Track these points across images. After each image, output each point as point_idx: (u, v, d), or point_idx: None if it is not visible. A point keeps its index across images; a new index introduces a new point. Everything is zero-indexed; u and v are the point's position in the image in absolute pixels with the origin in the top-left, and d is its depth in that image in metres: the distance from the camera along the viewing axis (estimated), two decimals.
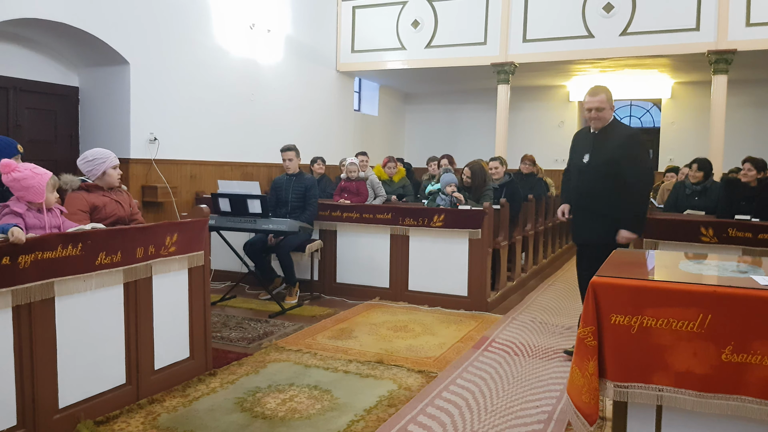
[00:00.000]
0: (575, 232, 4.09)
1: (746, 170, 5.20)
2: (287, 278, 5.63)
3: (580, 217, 4.01)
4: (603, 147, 3.82)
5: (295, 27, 8.43)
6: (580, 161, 3.95)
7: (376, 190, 6.64)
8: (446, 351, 4.22)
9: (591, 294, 2.15)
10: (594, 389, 2.14)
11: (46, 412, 2.72)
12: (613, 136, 3.82)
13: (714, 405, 2.03)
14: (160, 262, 3.30)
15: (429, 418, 3.09)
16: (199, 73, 6.78)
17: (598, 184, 3.83)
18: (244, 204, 5.13)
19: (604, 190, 3.81)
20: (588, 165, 3.88)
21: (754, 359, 1.98)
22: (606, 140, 3.82)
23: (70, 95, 6.10)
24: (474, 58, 8.66)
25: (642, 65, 8.72)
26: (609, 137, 3.82)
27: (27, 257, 2.57)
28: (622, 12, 7.80)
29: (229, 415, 3.09)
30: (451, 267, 5.52)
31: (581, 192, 3.94)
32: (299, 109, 8.60)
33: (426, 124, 12.25)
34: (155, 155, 6.24)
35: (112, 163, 3.64)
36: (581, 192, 3.94)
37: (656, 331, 2.08)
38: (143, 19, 6.06)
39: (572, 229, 4.14)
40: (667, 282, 2.12)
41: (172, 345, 3.47)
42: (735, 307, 2.00)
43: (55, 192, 3.08)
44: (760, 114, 9.87)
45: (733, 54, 7.31)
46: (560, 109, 11.18)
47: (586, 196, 3.91)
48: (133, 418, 3.03)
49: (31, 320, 2.64)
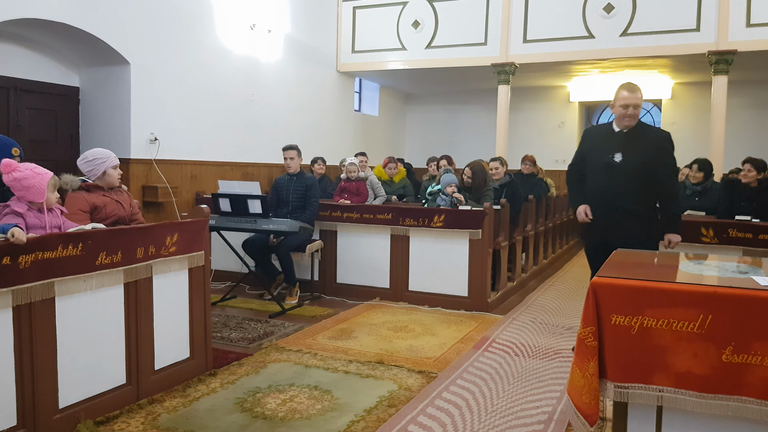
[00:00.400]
0: (602, 233, 3.79)
1: (746, 171, 5.20)
2: (287, 278, 5.64)
3: (611, 217, 3.75)
4: (637, 147, 3.66)
5: (296, 27, 8.43)
6: (607, 160, 3.73)
7: (375, 190, 6.64)
8: (446, 351, 4.22)
9: (591, 294, 2.15)
10: (594, 390, 2.14)
11: (46, 412, 2.72)
12: (646, 137, 3.70)
13: (714, 405, 2.03)
14: (160, 262, 3.30)
15: (429, 418, 3.09)
16: (199, 74, 6.79)
17: (635, 185, 3.67)
18: (245, 204, 5.13)
19: (641, 191, 3.67)
20: (622, 165, 3.68)
21: (755, 360, 1.97)
22: (639, 140, 3.68)
23: (70, 95, 6.10)
24: (474, 58, 8.66)
25: (642, 66, 8.72)
26: (641, 137, 3.69)
27: (27, 257, 2.57)
28: (622, 12, 7.80)
29: (229, 416, 3.09)
30: (452, 267, 5.52)
31: (615, 192, 3.71)
32: (300, 110, 8.60)
33: (426, 125, 12.24)
34: (156, 155, 6.24)
35: (112, 163, 3.65)
36: (615, 192, 3.71)
37: (657, 331, 2.08)
38: (144, 20, 6.06)
39: (596, 228, 3.85)
40: (668, 282, 2.12)
41: (173, 345, 3.47)
42: (735, 307, 2.00)
43: (55, 192, 3.08)
44: (761, 115, 9.87)
45: (733, 55, 7.30)
46: (561, 109, 11.17)
47: (622, 196, 3.70)
48: (134, 418, 3.03)
49: (32, 320, 2.64)
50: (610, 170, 3.72)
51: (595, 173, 3.82)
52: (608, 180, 3.73)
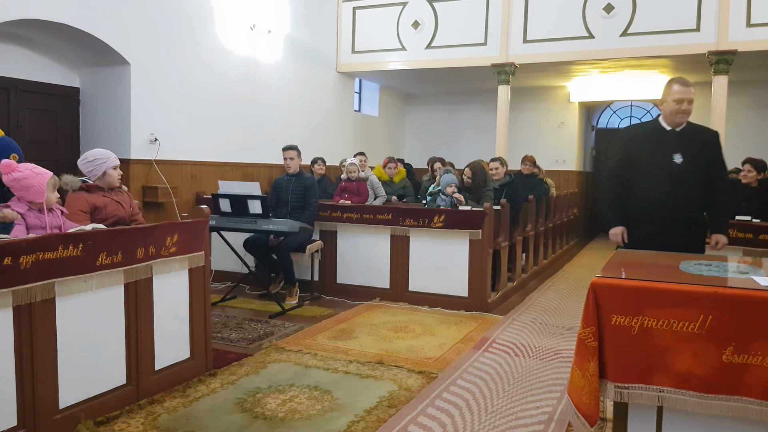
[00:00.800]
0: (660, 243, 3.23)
1: (746, 171, 5.20)
2: (287, 278, 5.64)
3: (668, 225, 3.35)
4: (695, 147, 3.37)
5: (296, 28, 8.43)
6: (666, 162, 3.35)
7: (375, 190, 6.64)
8: (446, 352, 4.22)
9: (591, 294, 2.15)
10: (595, 390, 2.14)
11: (46, 412, 2.72)
12: (699, 135, 3.43)
13: (715, 406, 2.03)
14: (160, 263, 3.30)
15: (429, 418, 3.09)
16: (199, 74, 6.79)
17: (695, 189, 3.35)
18: (245, 204, 5.13)
19: (701, 195, 3.37)
20: (684, 167, 3.33)
21: (755, 360, 1.97)
22: (694, 139, 3.39)
23: (70, 96, 6.10)
24: (474, 58, 8.65)
25: (642, 66, 8.71)
26: (695, 136, 3.41)
27: (28, 257, 2.57)
28: (622, 13, 7.80)
29: (229, 416, 3.09)
30: (452, 268, 5.52)
31: (677, 198, 3.33)
32: (300, 110, 8.60)
33: (426, 125, 12.24)
34: (156, 156, 6.24)
35: (112, 164, 3.65)
36: (677, 198, 3.33)
37: (657, 331, 2.08)
38: (144, 20, 6.06)
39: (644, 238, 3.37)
40: (668, 283, 2.12)
41: (173, 345, 3.47)
42: (736, 307, 2.00)
43: (55, 192, 3.08)
44: (761, 115, 9.86)
45: (733, 55, 7.30)
46: (561, 109, 11.16)
47: (684, 202, 3.34)
48: (134, 418, 3.03)
49: (32, 320, 2.64)
50: (670, 174, 3.34)
51: (650, 178, 3.39)
52: (669, 185, 3.34)
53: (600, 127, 12.26)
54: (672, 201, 3.34)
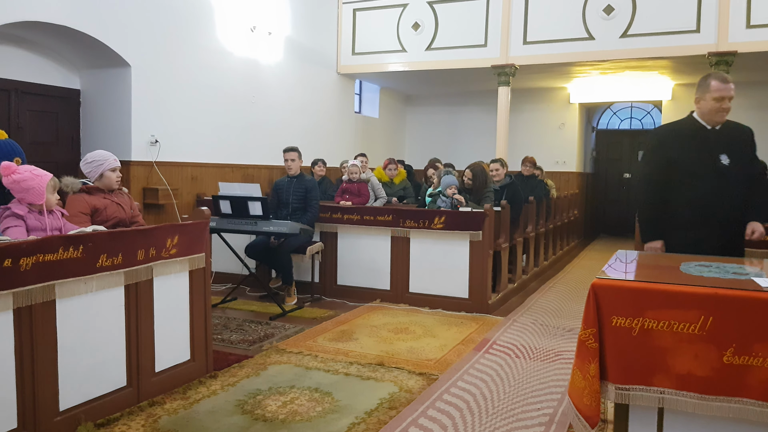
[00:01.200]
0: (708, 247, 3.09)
1: None
2: (285, 279, 5.65)
3: (719, 229, 3.20)
4: (736, 146, 3.22)
5: (296, 29, 8.43)
6: (714, 164, 3.17)
7: (376, 192, 6.65)
8: (447, 353, 4.22)
9: (592, 296, 2.15)
10: (595, 391, 2.14)
11: (46, 414, 2.72)
12: (739, 134, 3.28)
13: (715, 407, 2.03)
14: (160, 265, 3.30)
15: (430, 420, 3.09)
16: (200, 76, 6.79)
17: (740, 189, 3.19)
18: (245, 206, 5.14)
19: (742, 195, 3.21)
20: (730, 168, 3.16)
21: (756, 361, 1.97)
22: (734, 138, 3.24)
23: (71, 97, 6.11)
24: (474, 60, 8.66)
25: (642, 67, 8.71)
26: (735, 134, 3.26)
27: (28, 259, 2.57)
28: (622, 14, 7.80)
29: (229, 418, 3.09)
30: (452, 269, 5.52)
31: (725, 200, 3.17)
32: (300, 111, 8.61)
33: (427, 126, 12.24)
34: (156, 157, 6.24)
35: (110, 166, 3.64)
36: (725, 200, 3.17)
37: (657, 333, 2.08)
38: (144, 22, 6.07)
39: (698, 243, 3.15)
40: (668, 284, 2.12)
41: (173, 347, 3.47)
42: (736, 309, 1.99)
43: (55, 194, 3.08)
44: (761, 116, 9.85)
45: (733, 56, 7.30)
46: (561, 111, 11.17)
47: (731, 203, 3.18)
48: (134, 420, 3.03)
49: (32, 322, 2.64)
50: (718, 175, 3.15)
51: (697, 180, 3.18)
52: (716, 186, 3.16)
53: (600, 128, 12.26)
54: (720, 202, 3.17)
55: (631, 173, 11.94)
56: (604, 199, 12.33)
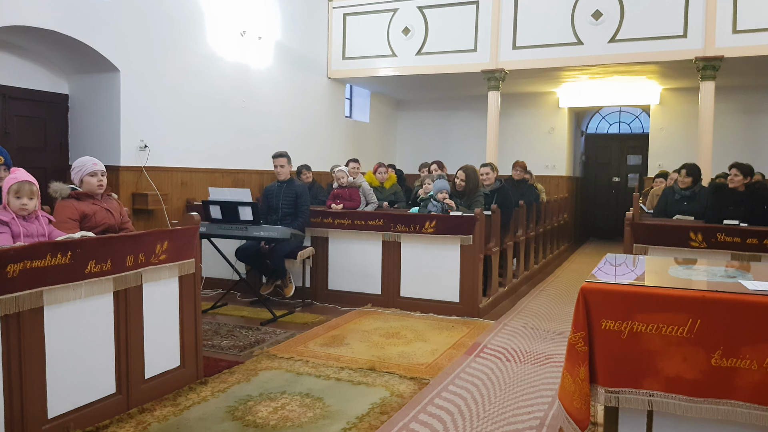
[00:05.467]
0: None
1: (733, 175, 5.24)
2: (278, 273, 5.65)
3: None
4: None
5: (286, 34, 8.43)
6: None
7: (367, 197, 6.64)
8: (438, 357, 4.22)
9: (582, 299, 2.16)
10: (585, 395, 2.15)
11: (34, 422, 2.69)
12: None
13: (704, 410, 2.04)
14: (150, 270, 3.28)
15: (421, 425, 3.09)
16: (189, 80, 6.77)
17: None
18: (236, 211, 5.12)
19: None
20: None
21: (743, 364, 1.99)
22: None
23: (59, 102, 6.07)
24: (464, 65, 8.70)
25: (631, 72, 8.79)
26: None
27: (15, 266, 2.54)
28: (610, 19, 7.87)
29: (220, 424, 3.07)
30: (443, 273, 5.53)
31: None
32: (290, 116, 8.60)
33: (417, 131, 12.27)
34: (146, 162, 6.21)
35: (87, 171, 3.57)
36: None
37: (646, 336, 2.09)
38: (133, 26, 6.04)
39: None
40: (657, 287, 2.13)
41: (163, 353, 3.44)
42: (724, 312, 2.01)
43: (32, 199, 3.00)
44: (748, 120, 9.96)
45: (720, 61, 7.38)
46: (550, 115, 11.23)
47: None
48: (124, 427, 3.00)
49: (20, 330, 2.61)
50: None
51: None
52: None
53: (589, 133, 12.34)
54: None
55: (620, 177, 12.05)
56: (594, 203, 12.40)
